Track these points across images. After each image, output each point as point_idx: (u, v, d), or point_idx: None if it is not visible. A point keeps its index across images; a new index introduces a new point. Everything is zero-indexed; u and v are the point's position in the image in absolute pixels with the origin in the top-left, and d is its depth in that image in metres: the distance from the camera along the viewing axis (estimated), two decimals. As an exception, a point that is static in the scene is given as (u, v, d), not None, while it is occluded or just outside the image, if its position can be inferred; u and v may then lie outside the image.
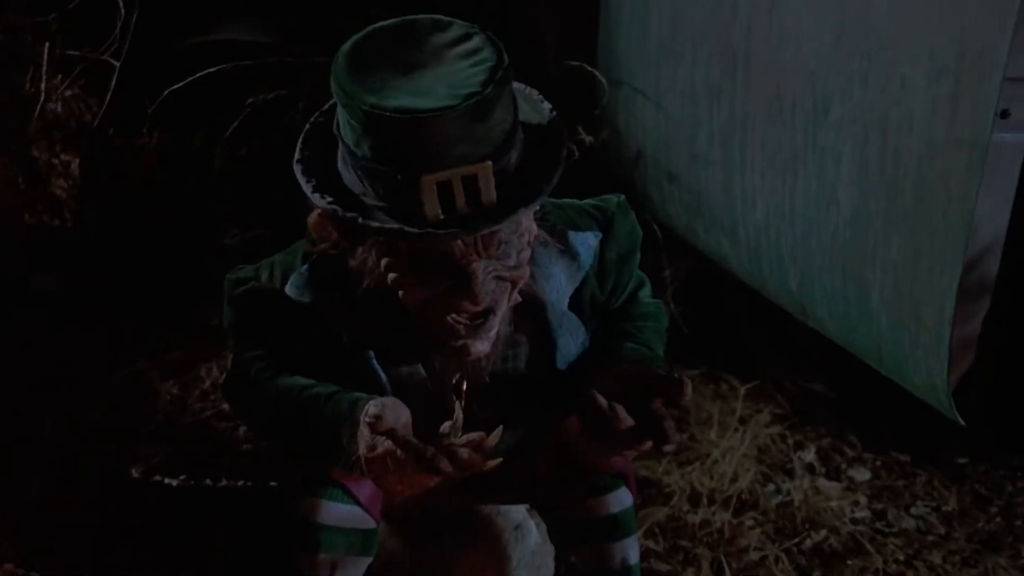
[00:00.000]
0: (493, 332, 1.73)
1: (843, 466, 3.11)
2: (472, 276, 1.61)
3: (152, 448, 2.93)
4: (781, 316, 3.21)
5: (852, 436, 3.22)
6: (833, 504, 2.93)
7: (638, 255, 2.03)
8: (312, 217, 1.74)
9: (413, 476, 1.60)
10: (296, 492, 1.85)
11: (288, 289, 1.79)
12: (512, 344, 1.89)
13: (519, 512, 2.33)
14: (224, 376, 1.99)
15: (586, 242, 1.90)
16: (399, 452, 1.58)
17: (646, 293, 2.11)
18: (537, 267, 1.84)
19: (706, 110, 3.00)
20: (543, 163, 1.63)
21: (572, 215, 1.91)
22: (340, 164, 1.62)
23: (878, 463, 3.12)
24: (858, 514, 2.92)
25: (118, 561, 2.47)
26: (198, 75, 3.11)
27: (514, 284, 1.71)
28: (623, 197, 2.00)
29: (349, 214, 1.56)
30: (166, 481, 2.80)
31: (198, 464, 2.86)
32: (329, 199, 1.58)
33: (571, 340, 1.93)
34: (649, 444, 1.69)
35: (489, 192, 1.54)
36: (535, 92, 1.77)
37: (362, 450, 1.61)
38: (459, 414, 1.64)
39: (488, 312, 1.69)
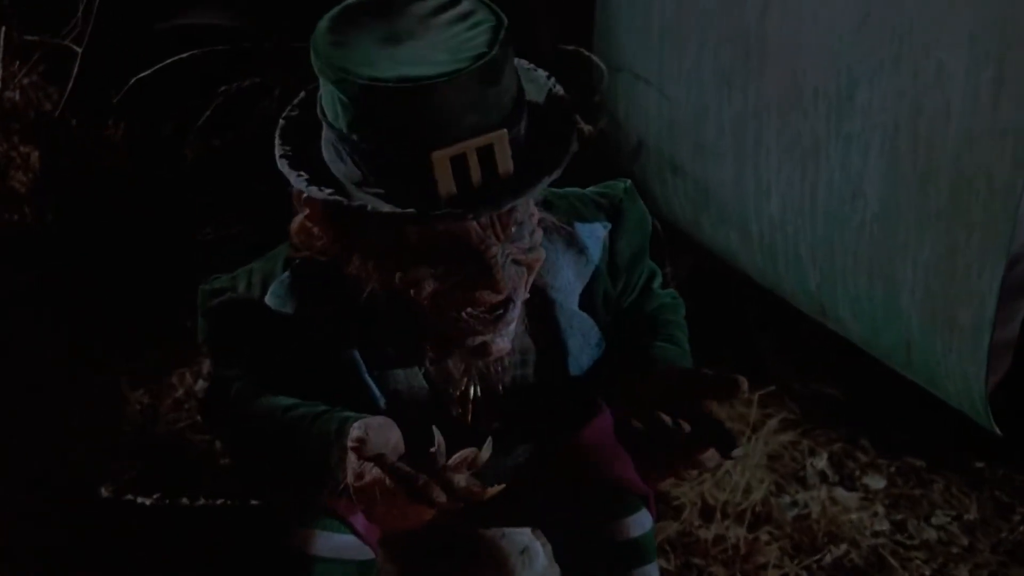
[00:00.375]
0: (513, 326, 1.62)
1: (857, 473, 3.02)
2: (493, 261, 1.50)
3: (122, 464, 2.80)
4: (790, 315, 3.11)
5: (864, 440, 3.12)
6: (853, 516, 2.82)
7: (648, 242, 1.92)
8: (295, 223, 1.62)
9: (405, 507, 1.50)
10: (288, 520, 1.72)
11: (268, 299, 1.67)
12: (522, 349, 1.78)
13: (525, 534, 2.23)
14: (201, 398, 1.91)
15: (594, 234, 1.78)
16: (387, 480, 1.46)
17: (658, 284, 1.99)
18: (547, 263, 1.71)
19: (715, 98, 2.86)
20: (555, 131, 1.52)
21: (577, 205, 1.80)
22: (329, 155, 1.49)
23: (892, 469, 3.03)
24: (877, 526, 2.82)
25: (88, 589, 2.33)
26: (167, 62, 2.98)
27: (530, 269, 1.60)
28: (629, 182, 1.88)
29: (356, 203, 1.43)
30: (139, 500, 2.66)
31: (173, 481, 2.72)
32: (329, 191, 1.44)
33: (583, 343, 1.81)
34: (711, 452, 1.56)
35: (506, 163, 1.42)
36: (524, 61, 1.63)
37: (349, 478, 1.50)
38: (439, 437, 1.49)
39: (508, 302, 1.58)
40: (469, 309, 1.56)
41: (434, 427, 1.50)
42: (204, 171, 3.23)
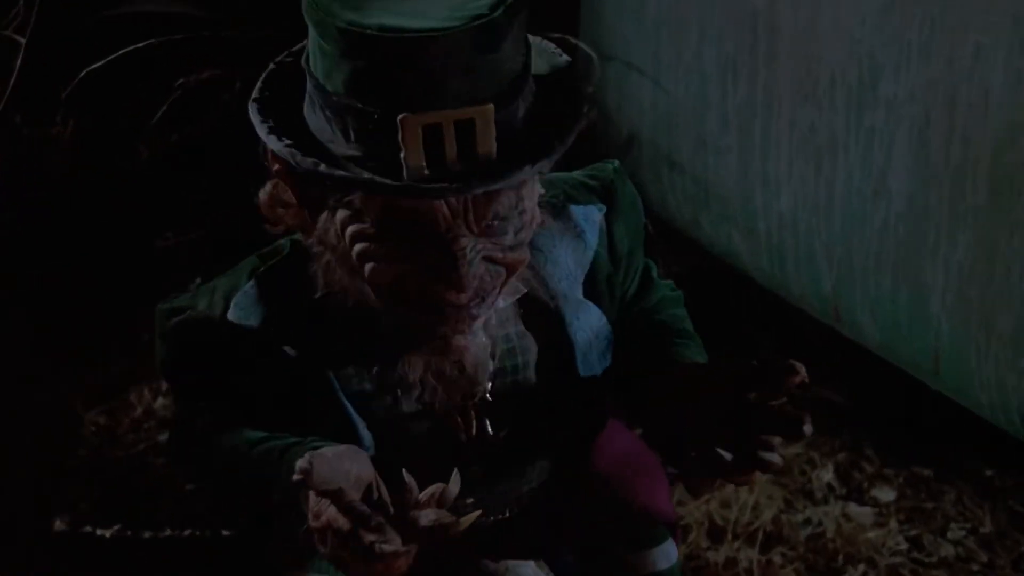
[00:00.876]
0: (479, 324, 1.48)
1: (864, 485, 2.90)
2: (458, 255, 1.35)
3: (78, 491, 2.68)
4: (791, 319, 3.00)
5: (868, 449, 3.00)
6: (870, 535, 2.69)
7: (643, 227, 1.79)
8: (263, 192, 1.50)
9: (369, 553, 1.31)
10: (277, 562, 1.65)
11: (231, 312, 1.53)
12: (521, 350, 1.63)
13: (528, 568, 2.04)
14: (167, 440, 1.82)
15: (590, 217, 1.66)
16: (342, 521, 1.30)
17: (655, 273, 1.85)
18: (539, 251, 1.59)
19: (718, 89, 2.73)
20: (555, 119, 1.37)
21: (568, 189, 1.67)
22: (307, 106, 1.37)
23: (900, 480, 2.92)
24: (892, 542, 2.70)
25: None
26: (119, 53, 2.88)
27: (510, 270, 1.44)
28: (617, 163, 1.75)
29: (308, 159, 1.30)
30: (97, 532, 2.55)
31: (134, 510, 2.60)
32: (287, 141, 1.33)
33: (592, 338, 1.66)
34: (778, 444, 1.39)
35: (487, 143, 1.28)
36: (551, 44, 1.49)
37: (310, 520, 1.35)
38: (408, 477, 1.35)
39: (475, 299, 1.43)
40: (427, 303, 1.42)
41: (403, 471, 1.36)
42: (161, 171, 3.14)
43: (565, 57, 1.47)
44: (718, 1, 2.69)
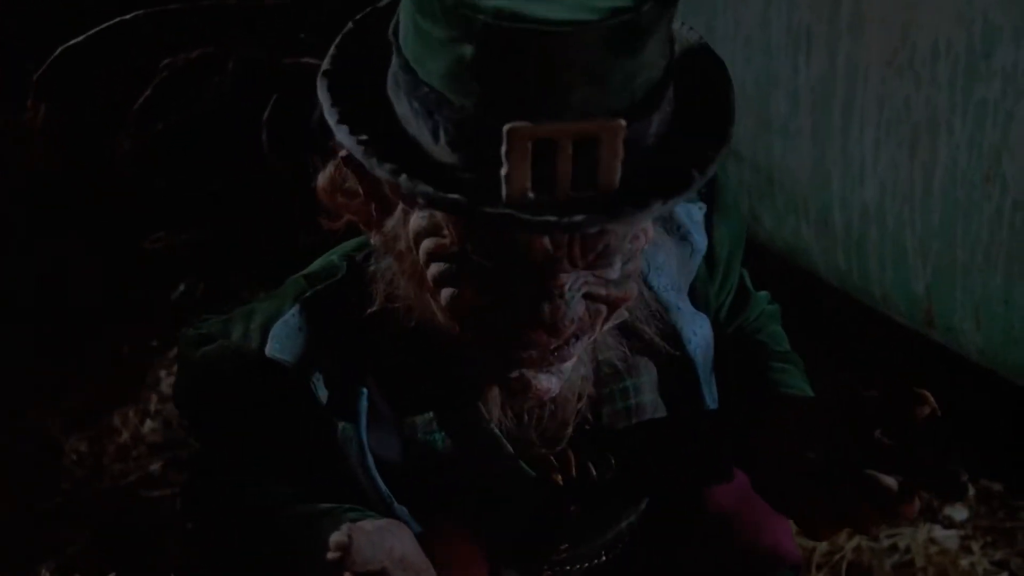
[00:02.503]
0: (570, 364, 1.31)
1: (935, 503, 2.79)
2: (555, 292, 1.17)
3: (62, 533, 2.52)
4: (846, 319, 2.88)
5: None
6: (963, 563, 2.57)
7: (745, 229, 1.66)
8: (323, 176, 1.34)
9: None
10: None
11: (269, 347, 1.39)
12: (630, 371, 1.48)
13: None
14: (183, 490, 1.72)
15: (693, 216, 1.50)
16: None
17: (751, 284, 1.71)
18: (643, 258, 1.41)
19: (788, 63, 2.52)
20: (695, 137, 1.16)
21: None
22: (390, 86, 1.17)
23: (971, 496, 2.83)
24: (980, 567, 2.58)
25: None
26: (99, 28, 2.68)
27: (612, 307, 1.26)
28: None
29: (386, 164, 1.10)
30: None
31: (130, 554, 2.46)
32: (363, 136, 1.12)
33: (709, 351, 1.53)
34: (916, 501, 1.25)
35: (611, 169, 1.06)
36: (696, 34, 1.26)
37: None
38: None
39: (569, 339, 1.26)
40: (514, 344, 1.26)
41: None
42: (145, 163, 2.99)
43: (707, 47, 1.24)
44: (792, -40, 2.50)
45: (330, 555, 1.19)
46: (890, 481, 1.24)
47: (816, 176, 2.58)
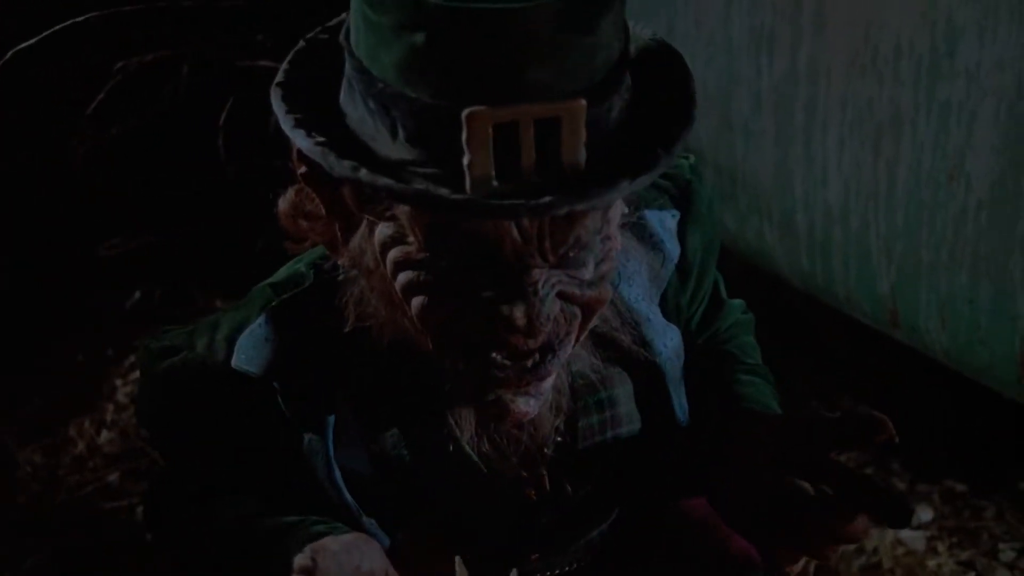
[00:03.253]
0: (548, 383, 1.26)
1: None
2: (529, 290, 1.13)
3: (18, 546, 2.48)
4: (813, 323, 2.92)
5: (894, 463, 2.98)
6: (930, 563, 2.59)
7: (719, 238, 1.62)
8: (284, 201, 1.30)
9: None
10: None
11: (235, 358, 1.36)
12: (604, 382, 1.45)
13: None
14: (145, 501, 1.67)
15: (665, 224, 1.46)
16: None
17: (724, 291, 1.68)
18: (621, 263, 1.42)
19: (750, 63, 2.49)
20: (658, 121, 1.13)
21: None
22: (344, 94, 1.15)
23: (935, 496, 2.88)
24: (947, 568, 2.62)
25: None
26: (51, 31, 2.67)
27: (587, 311, 1.22)
28: (694, 158, 1.55)
29: (345, 161, 1.06)
30: None
31: (87, 566, 2.42)
32: (319, 139, 1.09)
33: (678, 363, 1.50)
34: (863, 520, 1.24)
35: (575, 150, 1.04)
36: (649, 31, 1.25)
37: None
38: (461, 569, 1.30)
39: (546, 351, 1.20)
40: (491, 353, 1.20)
41: (456, 559, 1.30)
42: (100, 167, 2.99)
43: (664, 43, 1.22)
44: (752, -39, 2.46)
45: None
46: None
47: (779, 177, 2.55)
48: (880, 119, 2.26)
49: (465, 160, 1.02)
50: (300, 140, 1.10)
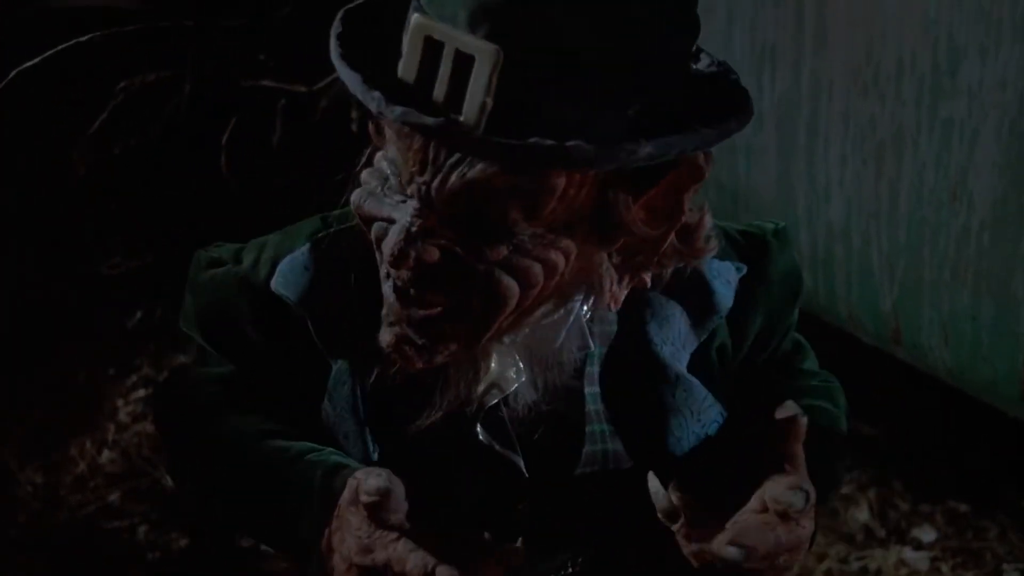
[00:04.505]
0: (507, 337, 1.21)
1: (903, 524, 2.84)
2: (402, 210, 1.10)
3: (19, 565, 2.46)
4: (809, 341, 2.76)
5: (896, 483, 2.96)
6: None
7: (796, 309, 1.49)
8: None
9: None
10: None
11: (275, 281, 1.34)
12: (604, 417, 1.36)
13: None
14: (156, 391, 1.63)
15: (724, 275, 1.39)
16: (413, 567, 1.11)
17: (808, 365, 1.57)
18: (647, 306, 1.35)
19: (752, 81, 2.48)
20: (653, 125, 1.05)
21: None
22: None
23: (937, 516, 2.87)
24: None
25: None
26: (54, 50, 2.66)
27: (489, 298, 1.14)
28: (784, 225, 1.47)
29: (348, 68, 1.07)
30: None
31: None
32: (361, 71, 1.07)
33: (688, 421, 1.39)
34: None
35: (477, 94, 1.00)
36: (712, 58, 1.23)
37: (351, 554, 1.16)
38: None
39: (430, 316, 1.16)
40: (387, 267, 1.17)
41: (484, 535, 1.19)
42: (103, 186, 2.99)
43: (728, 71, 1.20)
44: (752, -21, 2.47)
45: (366, 498, 1.13)
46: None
47: (781, 194, 2.55)
48: (882, 137, 2.26)
49: (402, 60, 1.03)
50: (338, 64, 1.08)
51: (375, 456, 1.34)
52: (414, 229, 1.10)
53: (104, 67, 2.76)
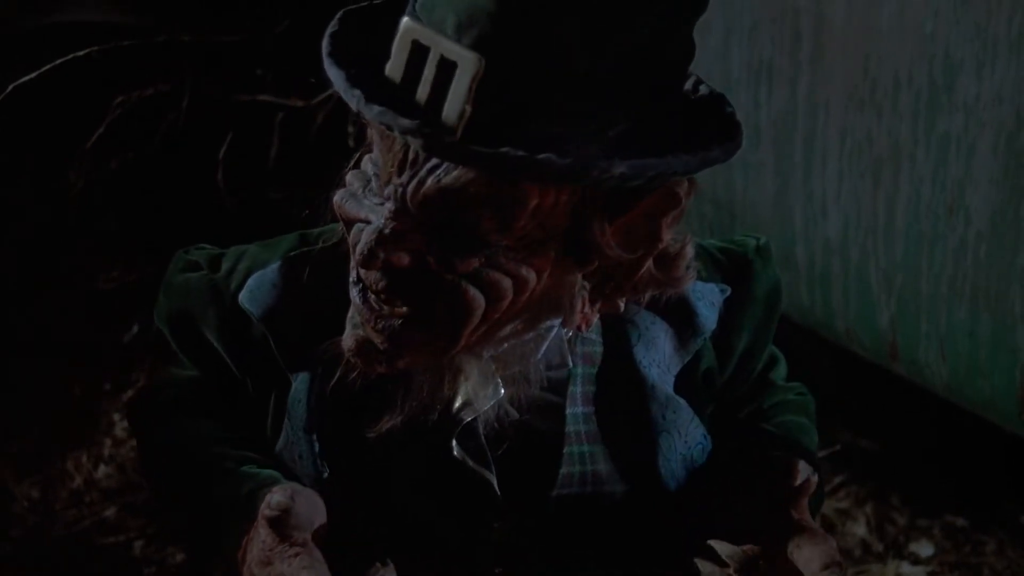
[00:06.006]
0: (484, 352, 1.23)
1: (900, 539, 2.83)
2: (387, 194, 1.10)
3: None
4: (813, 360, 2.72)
5: (894, 497, 2.94)
6: None
7: (775, 324, 1.50)
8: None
9: None
10: None
11: (244, 294, 1.36)
12: (584, 438, 1.36)
13: None
14: (133, 394, 1.68)
15: (708, 297, 1.40)
16: None
17: (780, 375, 1.58)
18: (633, 326, 1.36)
19: (748, 97, 2.48)
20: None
21: None
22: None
23: (935, 531, 2.86)
24: None
25: None
26: (51, 65, 2.67)
27: (457, 307, 1.14)
28: (765, 240, 1.49)
29: (336, 69, 1.09)
30: None
31: None
32: (343, 66, 1.09)
33: (676, 441, 1.39)
34: None
35: (458, 101, 1.01)
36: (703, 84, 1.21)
37: (253, 564, 1.20)
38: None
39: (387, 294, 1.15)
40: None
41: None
42: (99, 201, 3.01)
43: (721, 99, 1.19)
44: (752, -6, 2.47)
45: (268, 512, 1.17)
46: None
47: (778, 210, 2.54)
48: (879, 152, 2.26)
49: (389, 61, 1.04)
50: (330, 68, 1.09)
51: (325, 475, 1.34)
52: (387, 231, 1.09)
53: (101, 82, 2.76)
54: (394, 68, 1.05)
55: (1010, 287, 2.11)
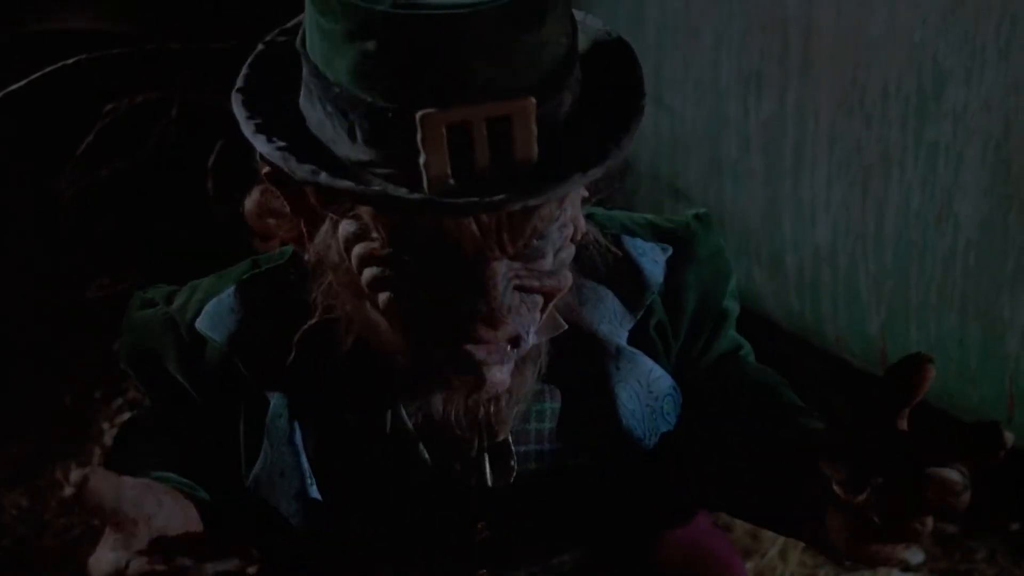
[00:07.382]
0: (519, 352, 1.25)
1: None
2: (489, 283, 1.13)
3: None
4: (792, 362, 2.65)
5: None
6: None
7: (728, 288, 1.49)
8: (250, 200, 1.33)
9: None
10: None
11: (200, 321, 1.39)
12: (552, 394, 1.40)
13: None
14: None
15: (650, 254, 1.43)
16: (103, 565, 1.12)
17: (749, 356, 1.58)
18: (579, 285, 1.38)
19: (738, 105, 2.49)
20: (608, 114, 1.14)
21: (626, 221, 1.48)
22: (303, 97, 1.17)
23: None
24: None
25: None
26: (40, 73, 2.67)
27: (547, 298, 1.22)
28: (706, 211, 1.52)
29: (305, 166, 1.08)
30: None
31: None
32: (279, 143, 1.11)
33: (639, 391, 1.41)
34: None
35: (528, 146, 1.06)
36: (597, 21, 1.25)
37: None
38: None
39: (514, 342, 1.21)
40: (461, 344, 1.20)
41: None
42: (88, 209, 2.98)
43: (615, 35, 1.23)
44: (738, 3, 2.45)
45: (66, 490, 1.13)
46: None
47: (768, 217, 2.54)
48: (868, 160, 2.26)
49: (421, 160, 1.03)
50: (261, 145, 1.11)
51: (312, 488, 1.36)
52: (506, 284, 1.16)
53: (91, 90, 2.75)
54: (437, 163, 1.05)
55: (999, 295, 2.10)
